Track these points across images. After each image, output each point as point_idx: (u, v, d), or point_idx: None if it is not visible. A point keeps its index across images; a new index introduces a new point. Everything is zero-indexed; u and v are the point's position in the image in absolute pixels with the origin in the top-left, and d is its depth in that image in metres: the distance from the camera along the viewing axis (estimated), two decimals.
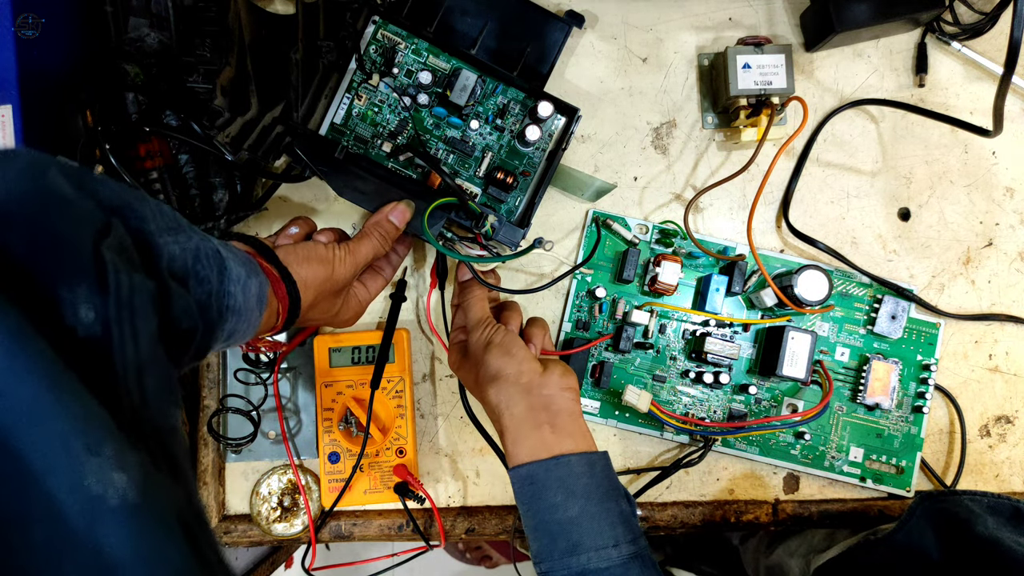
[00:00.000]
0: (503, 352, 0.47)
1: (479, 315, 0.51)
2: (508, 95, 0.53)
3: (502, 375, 0.46)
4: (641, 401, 0.54)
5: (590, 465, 0.44)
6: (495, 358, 0.47)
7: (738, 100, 0.55)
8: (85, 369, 0.23)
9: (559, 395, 0.46)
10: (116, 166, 0.48)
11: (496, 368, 0.47)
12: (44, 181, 0.26)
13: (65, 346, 0.23)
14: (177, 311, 0.30)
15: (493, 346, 0.48)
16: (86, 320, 0.24)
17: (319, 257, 0.44)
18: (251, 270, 0.37)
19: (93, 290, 0.25)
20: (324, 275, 0.44)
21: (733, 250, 0.58)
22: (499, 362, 0.47)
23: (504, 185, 0.52)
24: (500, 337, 0.49)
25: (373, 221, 0.49)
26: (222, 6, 0.48)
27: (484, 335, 0.49)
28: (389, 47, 0.53)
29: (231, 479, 0.60)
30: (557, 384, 0.46)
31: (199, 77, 0.46)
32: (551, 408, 0.45)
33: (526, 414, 0.45)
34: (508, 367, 0.47)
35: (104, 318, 0.25)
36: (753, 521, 0.58)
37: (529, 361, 0.47)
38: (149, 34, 0.49)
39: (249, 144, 0.51)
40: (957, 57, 0.60)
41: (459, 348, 0.53)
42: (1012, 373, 0.60)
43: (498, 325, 0.50)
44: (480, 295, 0.53)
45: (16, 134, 0.46)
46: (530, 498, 0.43)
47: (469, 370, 0.50)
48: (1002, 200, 0.60)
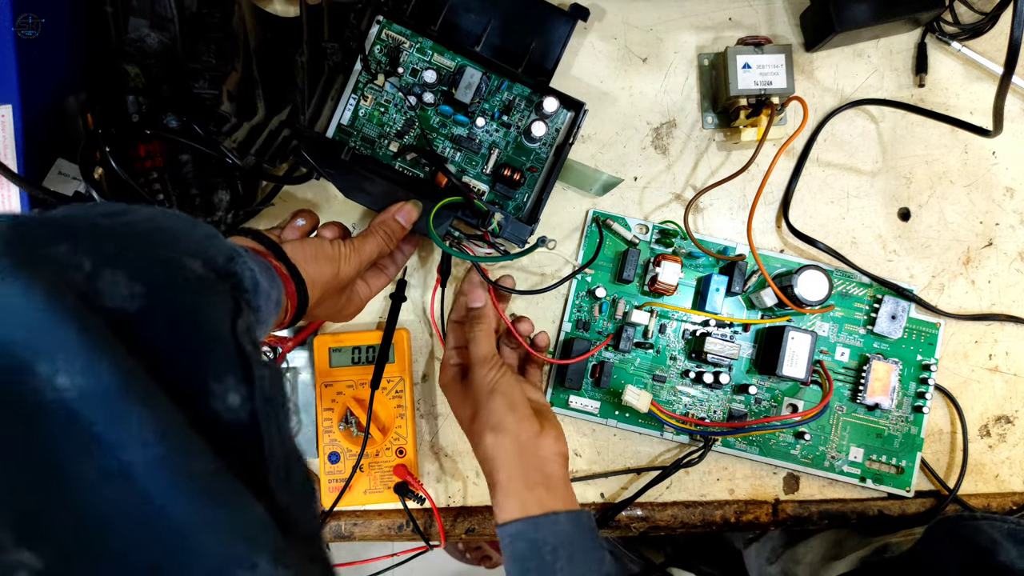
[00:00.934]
0: (508, 404, 0.47)
1: (486, 352, 0.50)
2: (513, 91, 0.53)
3: (503, 428, 0.46)
4: (641, 401, 0.54)
5: (579, 524, 0.45)
6: (499, 407, 0.47)
7: (738, 100, 0.55)
8: (237, 462, 0.23)
9: (553, 460, 0.47)
10: (116, 168, 0.48)
11: (498, 419, 0.47)
12: (180, 264, 0.26)
13: (218, 437, 0.23)
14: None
15: (498, 394, 0.48)
16: (235, 408, 0.25)
17: (326, 255, 0.44)
18: (271, 278, 0.37)
19: (239, 380, 0.25)
20: (331, 273, 0.44)
21: (733, 250, 0.58)
22: (503, 413, 0.47)
23: (511, 182, 0.52)
24: (506, 385, 0.48)
25: (379, 220, 0.49)
26: (226, 11, 0.48)
27: (490, 377, 0.49)
28: (394, 47, 0.53)
29: None
30: (552, 448, 0.47)
31: (205, 83, 0.46)
32: (545, 471, 0.46)
33: (521, 473, 0.45)
34: (510, 421, 0.47)
35: (252, 411, 0.25)
36: (753, 521, 0.58)
37: (530, 418, 0.47)
38: (149, 34, 0.49)
39: (256, 148, 0.51)
40: (957, 57, 0.60)
41: (455, 373, 0.53)
42: (1012, 373, 0.60)
43: (504, 367, 0.50)
44: (488, 328, 0.52)
45: (16, 134, 0.46)
46: (522, 556, 0.43)
47: (466, 405, 0.50)
48: (1002, 200, 0.60)
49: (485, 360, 0.50)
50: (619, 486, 0.59)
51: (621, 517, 0.58)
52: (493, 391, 0.48)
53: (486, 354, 0.50)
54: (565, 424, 0.59)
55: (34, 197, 0.47)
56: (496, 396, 0.48)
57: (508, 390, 0.48)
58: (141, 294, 0.24)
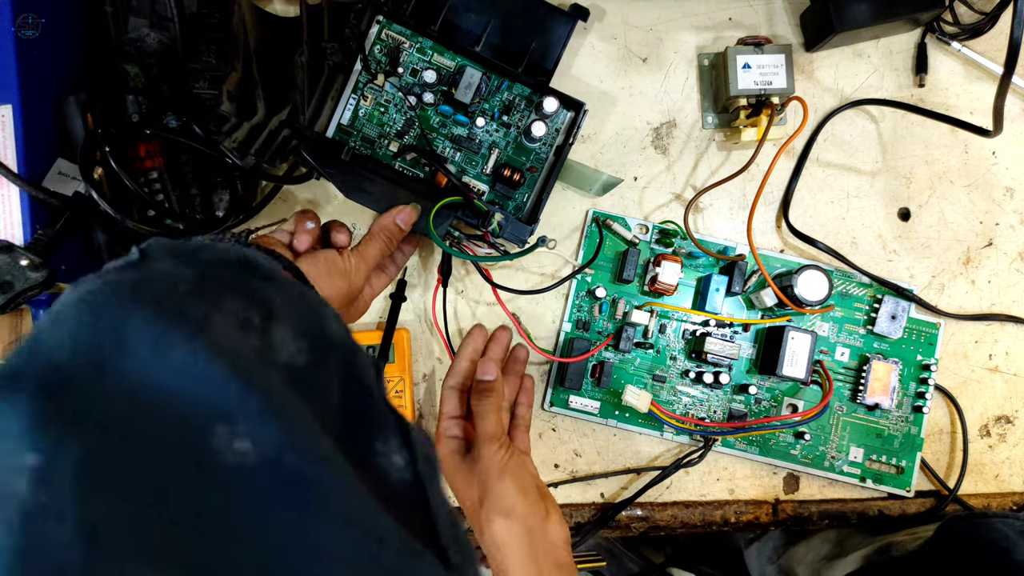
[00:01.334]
0: (519, 487, 0.45)
1: (495, 430, 0.47)
2: (513, 91, 0.53)
3: (514, 513, 0.44)
4: (641, 401, 0.54)
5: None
6: (511, 491, 0.45)
7: (738, 100, 0.55)
8: (409, 523, 0.23)
9: (563, 547, 0.45)
10: (116, 168, 0.48)
11: (510, 503, 0.45)
12: (326, 320, 0.27)
13: (387, 496, 0.23)
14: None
15: (509, 476, 0.46)
16: (400, 467, 0.25)
17: (339, 270, 0.44)
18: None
19: (400, 442, 0.25)
20: (344, 287, 0.44)
21: (733, 250, 0.58)
22: (514, 497, 0.45)
23: (511, 182, 0.52)
24: (516, 467, 0.46)
25: (379, 225, 0.49)
26: (226, 11, 0.48)
27: (500, 457, 0.47)
28: (393, 47, 0.53)
29: None
30: (560, 534, 0.45)
31: (205, 83, 0.46)
32: (557, 559, 0.44)
33: (534, 561, 0.43)
34: (521, 506, 0.45)
35: (415, 472, 0.25)
36: (753, 521, 0.58)
37: (538, 502, 0.46)
38: (149, 34, 0.49)
39: (256, 148, 0.51)
40: (957, 57, 0.60)
41: (456, 447, 0.49)
42: (1012, 373, 0.60)
43: (511, 447, 0.48)
44: (498, 403, 0.48)
45: (16, 134, 0.46)
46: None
47: (471, 485, 0.47)
48: (1002, 200, 0.60)
49: (494, 438, 0.47)
50: (619, 486, 0.59)
51: (621, 517, 0.58)
52: (503, 472, 0.46)
53: (495, 432, 0.47)
54: (565, 424, 0.59)
55: (34, 197, 0.47)
56: (507, 478, 0.45)
57: (519, 472, 0.46)
58: (305, 350, 0.24)
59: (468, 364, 0.52)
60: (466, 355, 0.53)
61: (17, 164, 0.46)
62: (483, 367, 0.49)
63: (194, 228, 0.53)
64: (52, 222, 0.48)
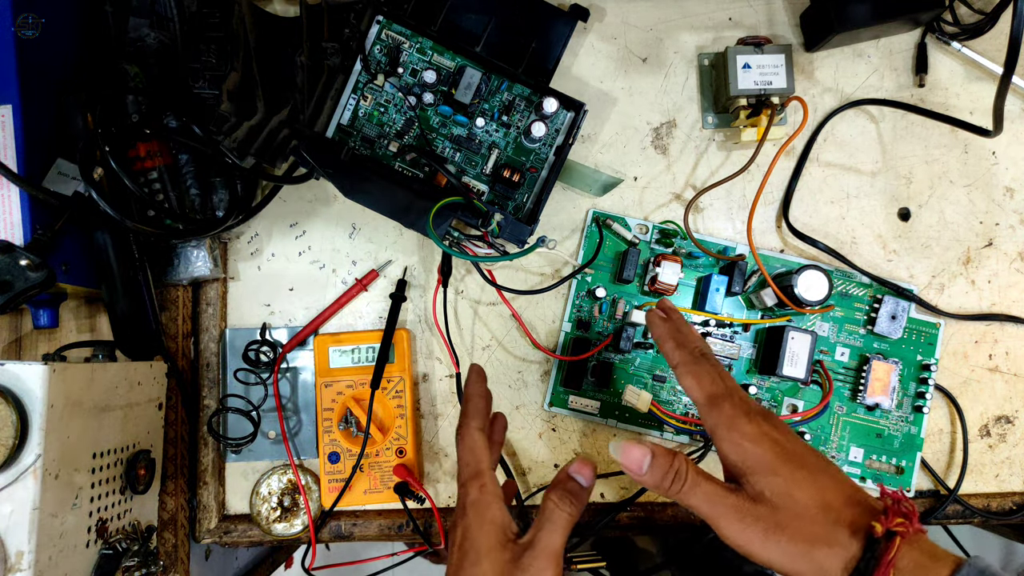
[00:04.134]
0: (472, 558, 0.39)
1: (558, 546, 0.39)
2: (513, 92, 0.53)
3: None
4: (641, 401, 0.54)
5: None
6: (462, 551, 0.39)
7: (738, 100, 0.55)
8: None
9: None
10: (116, 168, 0.48)
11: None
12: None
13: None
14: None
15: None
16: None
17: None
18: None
19: None
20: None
21: (733, 250, 0.58)
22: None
23: (511, 182, 0.52)
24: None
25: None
26: (226, 11, 0.48)
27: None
28: (393, 47, 0.53)
29: (231, 479, 0.60)
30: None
31: (205, 83, 0.46)
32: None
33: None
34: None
35: None
36: None
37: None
38: (149, 34, 0.49)
39: (256, 148, 0.51)
40: (957, 57, 0.60)
41: (508, 527, 0.40)
42: (1012, 373, 0.60)
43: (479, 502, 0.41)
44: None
45: (16, 134, 0.46)
46: None
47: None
48: (1002, 200, 0.60)
49: (555, 554, 0.38)
50: (619, 486, 0.59)
51: (621, 517, 0.58)
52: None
53: (557, 549, 0.39)
54: (565, 424, 0.59)
55: (34, 197, 0.47)
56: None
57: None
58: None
59: (484, 403, 0.47)
60: (479, 392, 0.47)
61: (17, 164, 0.46)
62: (584, 469, 0.41)
63: (194, 228, 0.53)
64: (52, 222, 0.48)
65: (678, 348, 0.42)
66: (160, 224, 0.53)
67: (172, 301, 0.58)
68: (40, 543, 0.41)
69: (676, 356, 0.41)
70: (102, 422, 0.47)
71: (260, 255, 0.60)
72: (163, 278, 0.57)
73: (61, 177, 0.49)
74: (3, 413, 0.40)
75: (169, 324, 0.58)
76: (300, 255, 0.60)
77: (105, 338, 0.57)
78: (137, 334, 0.54)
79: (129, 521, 0.51)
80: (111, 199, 0.48)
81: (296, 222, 0.60)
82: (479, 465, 0.42)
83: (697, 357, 0.41)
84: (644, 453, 0.38)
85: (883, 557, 0.32)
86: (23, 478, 0.40)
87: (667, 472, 0.37)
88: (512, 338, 0.59)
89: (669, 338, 0.43)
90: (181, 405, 0.58)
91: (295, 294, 0.59)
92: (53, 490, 0.42)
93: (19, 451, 0.40)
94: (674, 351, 0.42)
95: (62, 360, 0.45)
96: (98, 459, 0.47)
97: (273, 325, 0.59)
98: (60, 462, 0.42)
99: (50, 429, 0.41)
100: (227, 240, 0.60)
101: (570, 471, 0.41)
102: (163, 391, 0.57)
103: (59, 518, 0.43)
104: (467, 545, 0.39)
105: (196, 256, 0.57)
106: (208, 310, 0.59)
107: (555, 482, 0.40)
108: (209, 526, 0.58)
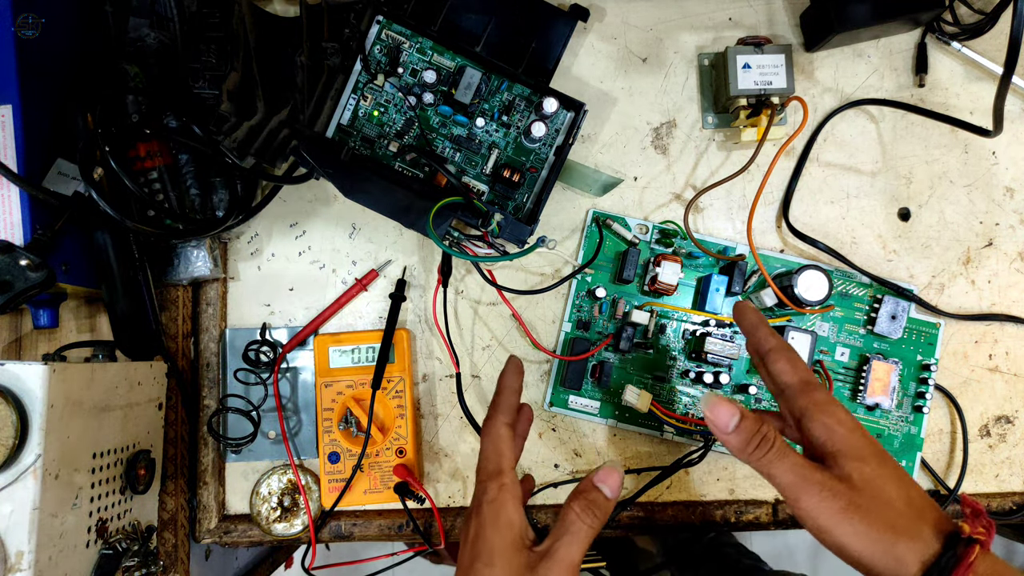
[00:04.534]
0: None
1: (576, 557, 0.38)
2: (513, 92, 0.53)
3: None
4: (641, 401, 0.54)
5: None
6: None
7: (738, 100, 0.55)
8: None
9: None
10: (116, 168, 0.48)
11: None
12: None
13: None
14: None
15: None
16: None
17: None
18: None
19: None
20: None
21: (733, 250, 0.58)
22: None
23: (511, 182, 0.52)
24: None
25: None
26: (226, 11, 0.48)
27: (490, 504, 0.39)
28: (393, 47, 0.53)
29: (231, 479, 0.60)
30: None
31: (205, 83, 0.46)
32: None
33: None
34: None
35: None
36: (753, 521, 0.58)
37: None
38: (149, 34, 0.49)
39: (256, 148, 0.51)
40: (957, 57, 0.60)
41: (525, 536, 0.39)
42: (1012, 373, 0.60)
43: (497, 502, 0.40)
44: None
45: (16, 134, 0.46)
46: None
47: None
48: (1002, 200, 0.60)
49: (573, 566, 0.37)
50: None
51: (621, 517, 0.58)
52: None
53: (575, 562, 0.37)
54: (565, 424, 0.59)
55: (34, 197, 0.47)
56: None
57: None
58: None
59: (516, 398, 0.46)
60: (514, 387, 0.46)
61: (17, 164, 0.46)
62: (610, 478, 0.40)
63: (194, 228, 0.53)
64: (52, 222, 0.48)
65: (773, 335, 0.43)
66: (160, 224, 0.53)
67: (172, 301, 0.58)
68: (40, 543, 0.41)
69: (773, 340, 0.42)
70: (102, 422, 0.47)
71: (260, 255, 0.60)
72: (163, 278, 0.57)
73: (61, 177, 0.49)
74: (3, 413, 0.40)
75: (169, 324, 0.58)
76: (300, 255, 0.60)
77: (105, 338, 0.57)
78: (137, 334, 0.54)
79: (129, 521, 0.51)
80: (111, 199, 0.48)
81: (296, 222, 0.60)
82: (501, 463, 0.41)
83: (788, 346, 0.43)
84: (733, 412, 0.38)
85: (965, 559, 0.32)
86: (23, 478, 0.40)
87: (753, 436, 0.37)
88: (512, 338, 0.59)
89: (764, 324, 0.44)
90: (181, 405, 0.58)
91: (295, 294, 0.59)
92: (53, 490, 0.42)
93: (19, 451, 0.40)
94: (770, 336, 0.43)
95: (62, 360, 0.45)
96: (98, 459, 0.47)
97: (273, 325, 0.59)
98: (60, 462, 0.42)
99: (50, 429, 0.41)
100: (227, 240, 0.60)
101: (595, 480, 0.39)
102: (163, 391, 0.57)
103: (59, 518, 0.43)
104: (480, 544, 0.38)
105: (196, 256, 0.57)
106: (208, 310, 0.59)
107: (578, 490, 0.39)
108: (209, 526, 0.58)
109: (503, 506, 0.39)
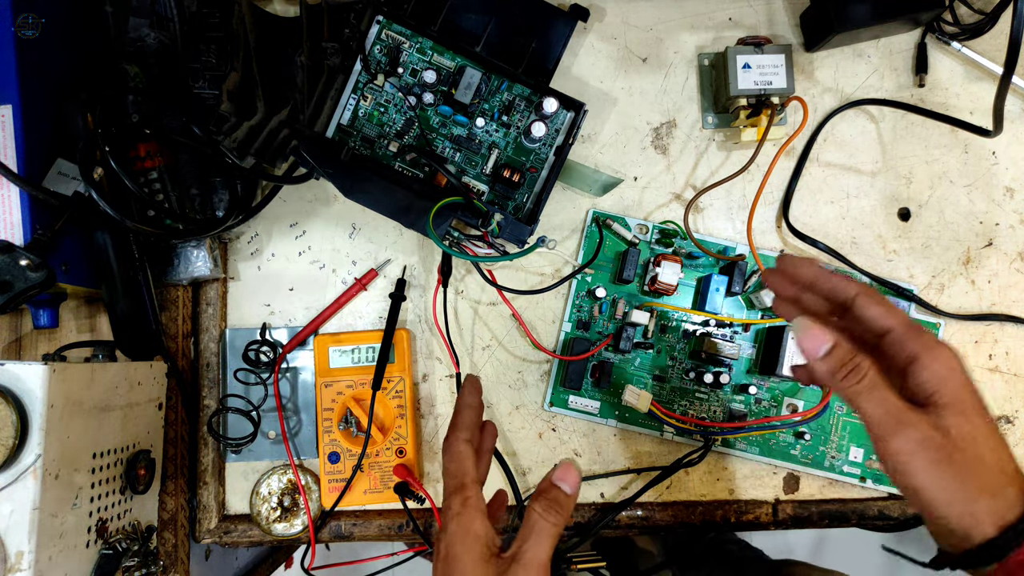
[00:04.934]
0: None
1: (544, 558, 0.38)
2: (513, 92, 0.53)
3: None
4: (641, 401, 0.54)
5: None
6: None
7: (738, 100, 0.55)
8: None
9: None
10: (116, 168, 0.48)
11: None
12: None
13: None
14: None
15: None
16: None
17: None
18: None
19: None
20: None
21: (733, 250, 0.58)
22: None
23: (511, 182, 0.52)
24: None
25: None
26: (226, 11, 0.48)
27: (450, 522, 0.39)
28: (393, 47, 0.53)
29: (231, 479, 0.60)
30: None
31: (205, 83, 0.46)
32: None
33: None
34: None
35: None
36: (753, 521, 0.58)
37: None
38: (149, 34, 0.49)
39: (256, 148, 0.51)
40: (957, 57, 0.60)
41: (492, 545, 0.39)
42: (1012, 373, 0.60)
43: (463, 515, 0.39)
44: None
45: (16, 134, 0.46)
46: None
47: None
48: (1002, 200, 0.60)
49: (542, 566, 0.37)
50: (619, 486, 0.59)
51: (621, 517, 0.58)
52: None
53: (544, 561, 0.37)
54: (565, 424, 0.59)
55: (34, 197, 0.47)
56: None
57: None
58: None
59: (475, 415, 0.45)
60: (472, 404, 0.46)
61: (17, 164, 0.46)
62: (568, 475, 0.40)
63: (194, 228, 0.53)
64: (52, 222, 0.48)
65: (848, 279, 0.39)
66: (160, 224, 0.53)
67: (172, 301, 0.58)
68: (40, 543, 0.41)
69: (853, 287, 0.38)
70: (102, 422, 0.47)
71: (260, 255, 0.60)
72: (163, 278, 0.57)
73: (61, 177, 0.49)
74: (3, 413, 0.40)
75: (169, 324, 0.58)
76: (300, 255, 0.60)
77: (105, 338, 0.57)
78: (137, 334, 0.54)
79: (129, 521, 0.51)
80: (111, 199, 0.48)
81: (296, 222, 0.60)
82: (463, 478, 0.41)
83: (871, 288, 0.39)
84: (827, 338, 0.36)
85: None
86: (23, 478, 0.40)
87: (845, 363, 0.36)
88: (512, 338, 0.59)
89: (828, 272, 0.40)
90: (181, 405, 0.58)
91: (295, 294, 0.59)
92: (53, 490, 0.42)
93: (19, 451, 0.40)
94: (848, 281, 0.39)
95: (62, 360, 0.45)
96: (98, 459, 0.47)
97: (273, 325, 0.59)
98: (60, 462, 0.42)
99: (50, 429, 0.41)
100: (227, 240, 0.60)
101: (554, 479, 0.40)
102: (163, 391, 0.57)
103: (59, 518, 0.43)
104: (450, 560, 0.38)
105: (196, 256, 0.57)
106: (208, 310, 0.59)
107: (538, 491, 0.40)
108: (209, 526, 0.58)
109: (470, 520, 0.39)
